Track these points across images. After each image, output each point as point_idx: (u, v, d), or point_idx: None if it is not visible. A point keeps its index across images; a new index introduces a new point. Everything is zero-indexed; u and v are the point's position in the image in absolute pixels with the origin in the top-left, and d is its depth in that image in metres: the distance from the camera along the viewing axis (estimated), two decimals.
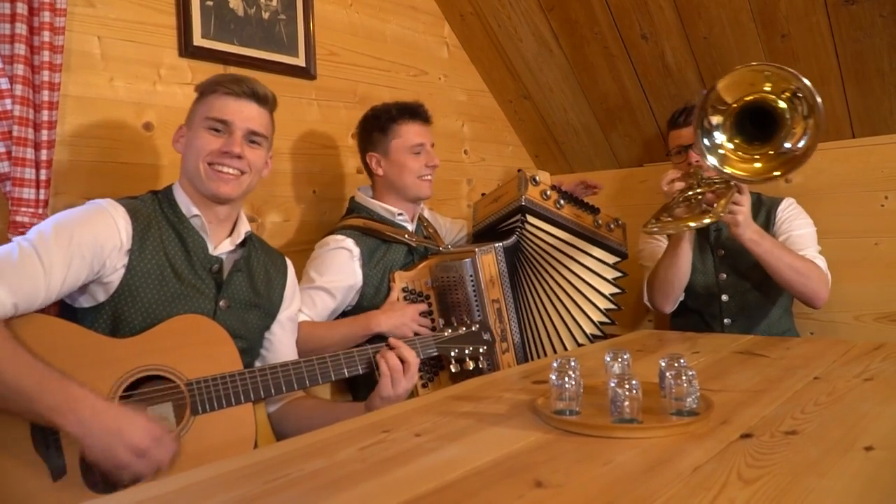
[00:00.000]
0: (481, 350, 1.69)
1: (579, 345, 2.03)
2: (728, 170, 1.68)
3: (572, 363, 1.22)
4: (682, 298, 2.28)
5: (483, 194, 2.29)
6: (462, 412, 1.25)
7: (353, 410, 1.52)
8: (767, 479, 0.87)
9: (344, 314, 1.99)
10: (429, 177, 2.07)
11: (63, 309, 1.38)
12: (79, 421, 1.12)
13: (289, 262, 1.72)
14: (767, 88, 1.59)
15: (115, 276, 1.34)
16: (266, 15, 2.14)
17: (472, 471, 0.94)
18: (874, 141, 2.38)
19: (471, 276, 1.81)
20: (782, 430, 1.06)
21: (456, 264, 1.82)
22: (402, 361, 1.53)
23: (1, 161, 1.53)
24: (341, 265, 1.90)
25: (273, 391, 1.40)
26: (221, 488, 0.92)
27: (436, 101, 2.76)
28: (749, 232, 1.95)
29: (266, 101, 1.54)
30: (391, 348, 1.55)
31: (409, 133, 2.03)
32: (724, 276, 2.26)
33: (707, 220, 1.80)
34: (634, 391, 1.09)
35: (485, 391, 1.43)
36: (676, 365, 1.20)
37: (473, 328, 1.70)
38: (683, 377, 1.13)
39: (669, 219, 1.85)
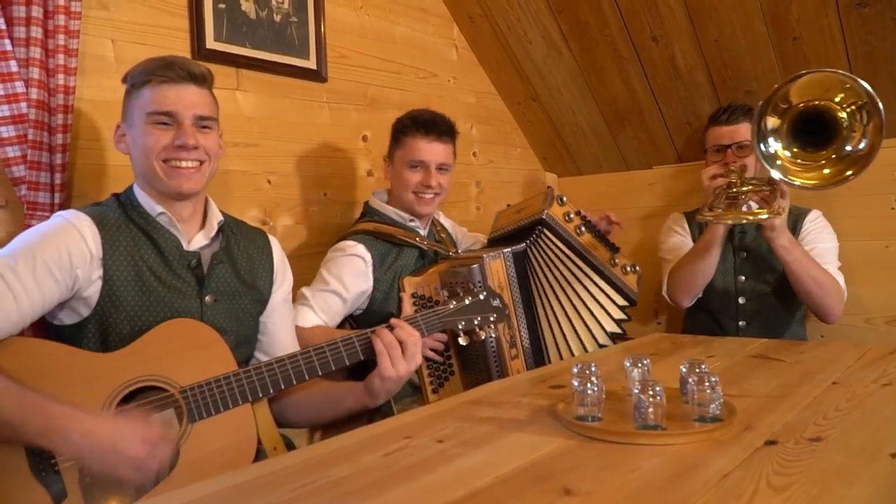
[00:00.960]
0: (491, 318, 1.62)
1: (587, 351, 2.02)
2: (797, 181, 1.67)
3: (592, 368, 1.21)
4: (700, 296, 2.28)
5: (508, 205, 2.28)
6: (482, 417, 1.25)
7: (353, 391, 1.48)
8: (797, 487, 0.87)
9: (353, 317, 1.99)
10: (428, 195, 2.01)
11: (47, 328, 1.34)
12: (70, 444, 1.10)
13: (271, 238, 1.64)
14: (837, 98, 1.59)
15: (93, 289, 1.30)
16: (278, 17, 2.14)
17: (498, 478, 0.94)
18: (885, 144, 2.35)
19: (479, 281, 1.78)
20: (806, 437, 1.06)
21: (464, 270, 1.79)
22: (401, 341, 1.43)
23: (17, 165, 1.53)
24: (354, 272, 1.89)
25: (271, 389, 1.34)
26: (247, 497, 0.92)
27: (445, 104, 2.75)
28: (783, 238, 1.96)
29: (204, 80, 1.44)
30: (392, 329, 1.46)
31: (413, 147, 1.99)
32: (743, 278, 2.26)
33: (764, 216, 1.84)
34: (658, 397, 1.08)
35: (502, 396, 1.42)
36: (698, 371, 1.20)
37: (481, 297, 1.63)
38: (706, 383, 1.12)
39: (721, 209, 1.89)
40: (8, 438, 1.10)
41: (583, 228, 1.98)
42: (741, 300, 2.26)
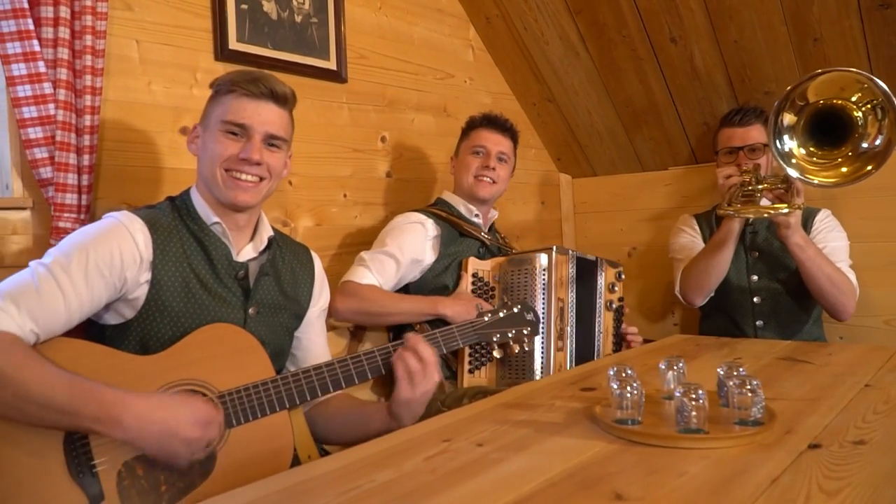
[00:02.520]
0: (525, 332, 1.62)
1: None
2: (816, 180, 1.68)
3: (629, 371, 1.21)
4: (712, 294, 2.28)
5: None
6: (518, 421, 1.24)
7: (379, 411, 1.48)
8: (849, 490, 0.87)
9: (405, 288, 2.06)
10: (486, 178, 2.16)
11: (89, 328, 1.34)
12: (124, 429, 1.10)
13: (314, 255, 1.67)
14: (854, 98, 1.59)
15: (139, 292, 1.30)
16: (299, 18, 2.13)
17: (545, 483, 0.93)
18: None
19: (543, 269, 1.91)
20: (850, 441, 1.05)
21: (531, 256, 1.93)
22: (420, 361, 1.41)
23: (44, 166, 1.53)
24: (415, 239, 2.02)
25: (308, 396, 1.35)
26: (294, 501, 0.92)
27: (461, 104, 2.75)
28: (797, 237, 1.97)
29: (286, 101, 1.46)
30: (407, 347, 1.43)
31: (477, 136, 2.19)
32: (756, 278, 2.26)
33: (785, 210, 1.87)
34: (701, 400, 1.08)
35: (534, 398, 1.42)
36: (736, 374, 1.20)
37: (515, 310, 1.63)
38: (748, 386, 1.12)
39: (739, 205, 1.92)
40: (62, 425, 1.11)
41: (614, 305, 2.12)
42: (756, 299, 2.27)
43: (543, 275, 1.90)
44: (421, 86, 2.59)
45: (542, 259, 1.92)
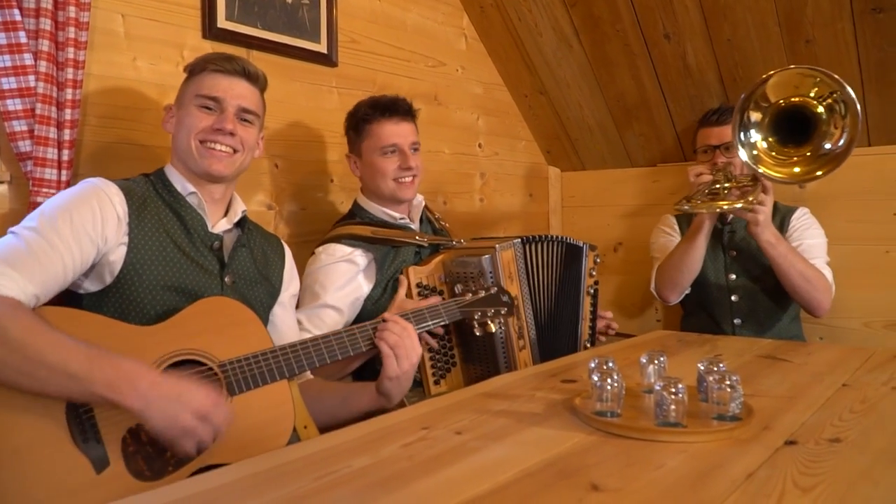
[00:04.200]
0: (502, 312, 1.68)
1: (593, 345, 2.02)
2: (768, 171, 1.70)
3: (611, 364, 1.21)
4: (687, 291, 2.31)
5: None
6: (498, 410, 1.24)
7: (364, 390, 1.50)
8: (824, 487, 0.87)
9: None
10: (407, 179, 1.93)
11: (66, 297, 1.33)
12: (138, 394, 1.10)
13: (285, 246, 1.69)
14: (811, 94, 1.61)
15: (118, 255, 1.31)
16: None
17: (523, 472, 0.93)
18: (890, 150, 2.39)
19: (490, 272, 1.77)
20: (826, 438, 1.06)
21: (474, 260, 1.78)
22: (400, 336, 1.46)
23: (23, 140, 1.50)
24: (348, 279, 1.83)
25: (306, 365, 1.38)
26: (271, 484, 0.91)
27: (453, 93, 2.74)
28: (767, 233, 1.99)
29: (257, 80, 1.53)
30: (386, 325, 1.47)
31: (381, 132, 1.91)
32: (734, 276, 2.28)
33: (739, 205, 1.89)
34: (680, 395, 1.08)
35: (514, 389, 1.42)
36: (716, 369, 1.20)
37: (492, 291, 1.70)
38: (727, 381, 1.12)
39: (699, 200, 1.94)
40: (71, 392, 1.10)
41: (591, 290, 2.02)
42: (734, 298, 2.29)
43: (491, 277, 1.76)
44: (412, 73, 2.57)
45: (486, 263, 1.77)
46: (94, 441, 1.12)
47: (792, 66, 1.65)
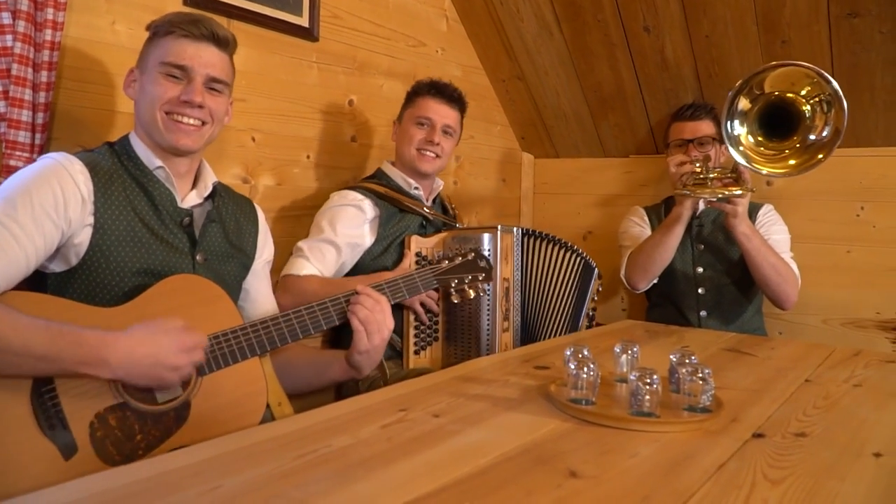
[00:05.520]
0: (480, 278, 1.69)
1: (570, 331, 2.06)
2: (764, 170, 1.73)
3: (586, 353, 1.23)
4: (655, 281, 2.34)
5: None
6: (474, 394, 1.26)
7: (338, 360, 1.48)
8: (792, 480, 0.90)
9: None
10: (429, 153, 2.07)
11: (31, 278, 1.27)
12: (110, 367, 1.09)
13: (257, 208, 1.64)
14: (803, 92, 1.64)
15: (83, 236, 1.26)
16: None
17: (501, 457, 0.95)
18: (856, 152, 2.46)
19: (488, 250, 1.86)
20: (792, 432, 1.10)
21: (475, 237, 1.88)
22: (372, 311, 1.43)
23: None
24: (353, 223, 1.93)
25: (278, 342, 1.35)
26: (249, 462, 0.91)
27: (432, 74, 2.68)
28: (743, 226, 2.04)
29: (227, 45, 1.42)
30: (358, 298, 1.44)
31: (423, 105, 2.07)
32: (701, 269, 2.33)
33: (738, 192, 1.95)
34: (655, 385, 1.10)
35: (489, 373, 1.43)
36: (688, 361, 1.23)
37: (469, 257, 1.70)
38: (699, 374, 1.15)
39: (696, 187, 2.00)
40: (43, 371, 1.08)
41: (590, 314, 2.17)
42: (700, 290, 2.34)
43: (489, 254, 1.85)
44: (392, 52, 2.54)
45: (486, 239, 1.88)
46: (61, 427, 1.09)
47: (801, 63, 1.67)
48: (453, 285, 1.66)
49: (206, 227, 1.44)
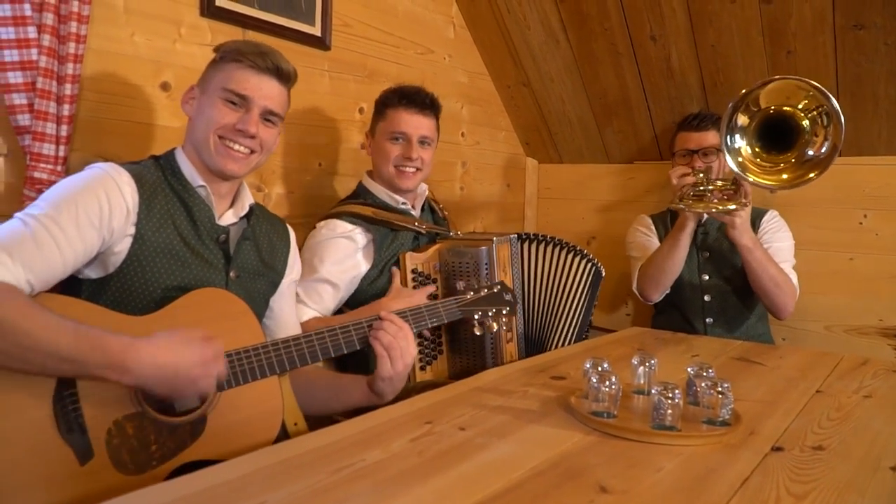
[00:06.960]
0: (504, 311, 1.67)
1: (576, 340, 2.08)
2: (751, 178, 1.75)
3: (605, 366, 1.26)
4: (668, 292, 2.37)
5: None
6: (495, 406, 1.28)
7: (355, 383, 1.49)
8: (815, 494, 0.93)
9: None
10: (409, 168, 1.94)
11: (66, 282, 1.29)
12: (131, 375, 1.10)
13: (289, 228, 1.69)
14: (801, 106, 1.67)
15: (123, 245, 1.29)
16: None
17: (532, 471, 0.97)
18: (859, 161, 2.49)
19: (486, 263, 1.81)
20: (810, 446, 1.13)
21: (471, 251, 1.83)
22: (395, 337, 1.43)
23: (22, 114, 1.46)
24: (345, 254, 1.84)
25: (298, 363, 1.36)
26: (288, 477, 0.93)
27: (439, 81, 2.74)
28: (745, 238, 2.07)
29: (288, 79, 1.48)
30: (382, 324, 1.44)
31: (394, 118, 1.93)
32: (707, 277, 2.36)
33: (732, 207, 1.96)
34: (677, 399, 1.13)
35: (506, 384, 1.46)
36: (706, 374, 1.26)
37: (495, 290, 1.68)
38: (718, 388, 1.18)
39: (690, 201, 2.03)
40: (68, 373, 1.10)
41: None
42: (706, 297, 2.36)
43: (486, 268, 1.81)
44: (401, 59, 2.57)
45: (483, 254, 1.82)
46: (79, 432, 1.11)
47: (791, 77, 1.70)
48: (476, 317, 1.63)
49: (240, 244, 1.47)
